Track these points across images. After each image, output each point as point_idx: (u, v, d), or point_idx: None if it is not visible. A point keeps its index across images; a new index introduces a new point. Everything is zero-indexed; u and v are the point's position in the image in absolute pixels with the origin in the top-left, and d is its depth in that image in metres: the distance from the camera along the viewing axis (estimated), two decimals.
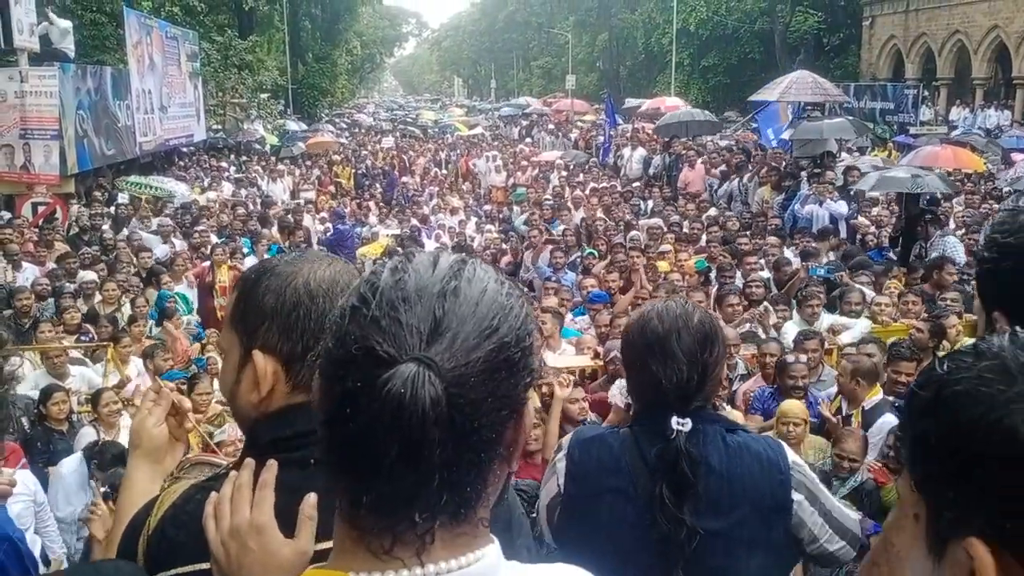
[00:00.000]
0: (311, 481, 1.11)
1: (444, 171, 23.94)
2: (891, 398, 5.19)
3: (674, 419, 1.83)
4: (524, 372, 0.88)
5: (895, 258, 10.01)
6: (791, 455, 1.94)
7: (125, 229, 12.40)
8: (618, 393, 5.05)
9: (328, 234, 13.52)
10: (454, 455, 0.82)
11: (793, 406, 4.99)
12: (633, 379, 2.02)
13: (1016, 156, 18.03)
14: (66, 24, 15.44)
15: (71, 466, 5.15)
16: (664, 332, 1.89)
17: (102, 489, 3.99)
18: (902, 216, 10.55)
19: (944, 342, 6.16)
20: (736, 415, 5.10)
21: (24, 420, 5.90)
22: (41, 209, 13.34)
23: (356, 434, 0.82)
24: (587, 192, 15.67)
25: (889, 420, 4.93)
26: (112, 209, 13.85)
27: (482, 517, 0.89)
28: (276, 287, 1.30)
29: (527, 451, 4.41)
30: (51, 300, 8.66)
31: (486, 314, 0.85)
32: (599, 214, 13.33)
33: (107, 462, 4.82)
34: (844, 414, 5.19)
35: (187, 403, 1.63)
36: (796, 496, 1.88)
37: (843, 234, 10.94)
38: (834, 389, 5.70)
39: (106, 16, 19.92)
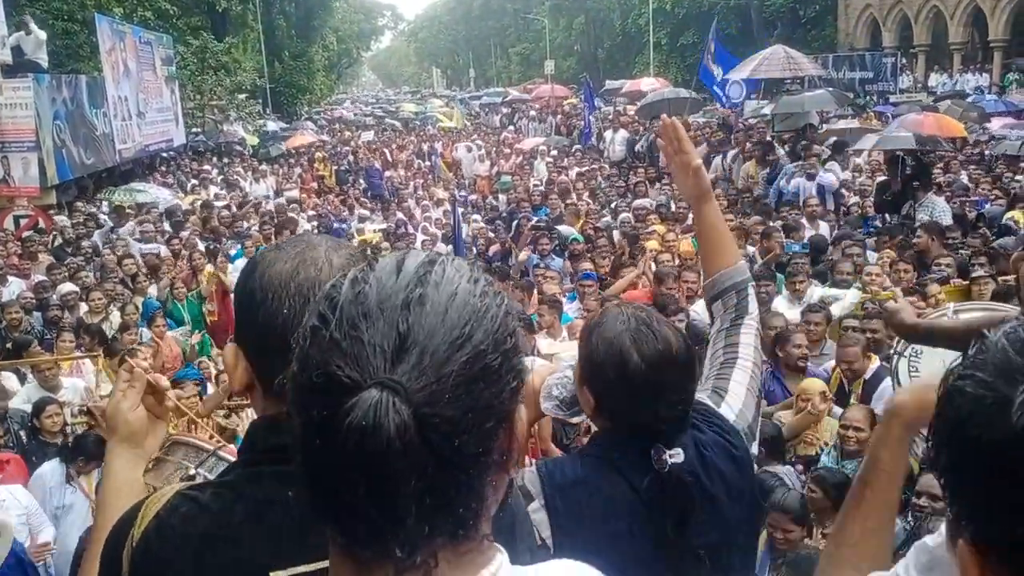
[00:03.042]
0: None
1: (427, 163, 23.86)
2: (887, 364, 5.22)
3: (667, 454, 1.68)
4: (508, 377, 0.81)
5: (881, 226, 10.03)
6: (728, 415, 1.85)
7: (107, 235, 12.30)
8: (554, 399, 4.98)
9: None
10: (436, 479, 0.75)
11: (813, 383, 4.98)
12: (609, 411, 1.77)
13: (995, 120, 18.10)
14: (42, 35, 15.27)
15: (50, 469, 5.21)
16: (650, 371, 1.69)
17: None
18: (898, 178, 10.59)
19: (927, 309, 6.21)
20: None
21: (23, 434, 5.89)
22: (24, 222, 13.22)
23: (322, 468, 0.76)
24: (572, 176, 15.64)
25: (888, 385, 4.95)
26: (100, 218, 13.72)
27: (485, 533, 0.83)
28: (244, 275, 1.25)
29: None
30: (38, 313, 8.59)
31: (457, 321, 0.78)
32: (585, 198, 13.31)
33: (92, 453, 4.84)
34: (847, 389, 5.19)
35: (164, 380, 1.54)
36: (753, 448, 1.88)
37: (831, 205, 10.97)
38: (832, 363, 5.73)
39: (78, 24, 19.70)
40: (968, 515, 0.72)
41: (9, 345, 7.39)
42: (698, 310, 7.01)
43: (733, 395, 1.89)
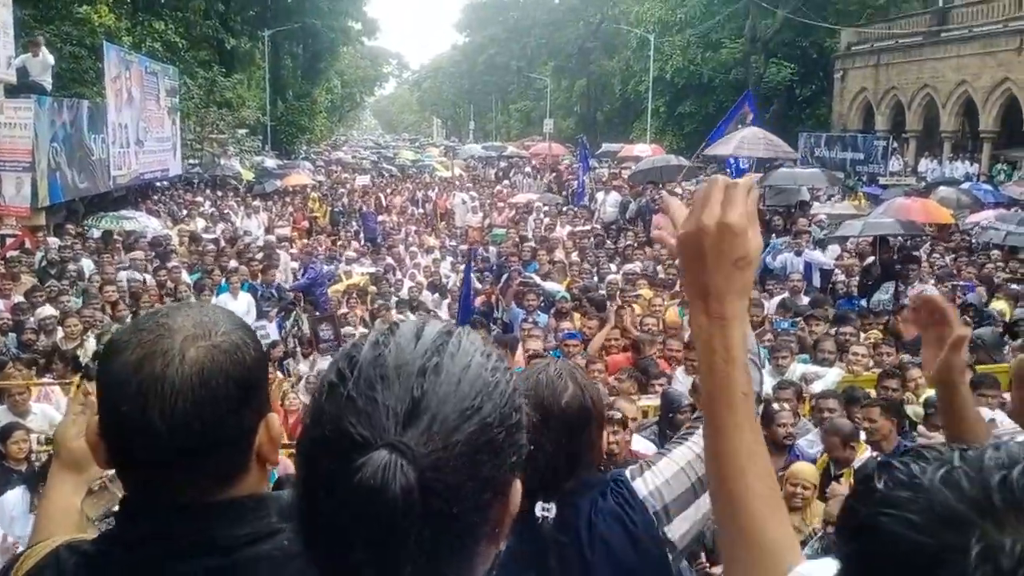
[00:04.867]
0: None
1: (421, 210, 23.99)
2: (876, 453, 5.20)
3: (539, 505, 1.66)
4: (509, 451, 0.83)
5: (866, 306, 10.11)
6: (640, 488, 1.76)
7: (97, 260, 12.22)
8: None
9: (302, 274, 13.39)
10: (432, 543, 0.77)
11: (804, 468, 4.90)
12: None
13: (988, 211, 18.38)
14: (50, 59, 15.39)
15: (13, 498, 5.10)
16: (530, 418, 1.69)
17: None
18: (876, 263, 10.72)
19: (908, 394, 6.23)
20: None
21: None
22: (9, 241, 13.14)
23: (327, 520, 0.79)
24: (563, 234, 15.73)
25: None
26: (88, 243, 13.65)
27: None
28: (100, 358, 1.18)
29: (610, 452, 4.04)
30: (13, 335, 8.48)
31: (468, 393, 0.81)
32: (574, 257, 13.37)
33: None
34: (833, 475, 5.14)
35: None
36: (669, 533, 1.73)
37: (816, 282, 11.05)
38: (812, 436, 5.70)
39: (86, 49, 19.89)
40: None
41: None
42: (679, 376, 7.02)
43: (658, 471, 1.78)
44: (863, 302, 10.33)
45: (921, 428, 4.32)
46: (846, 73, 35.30)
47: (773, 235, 12.61)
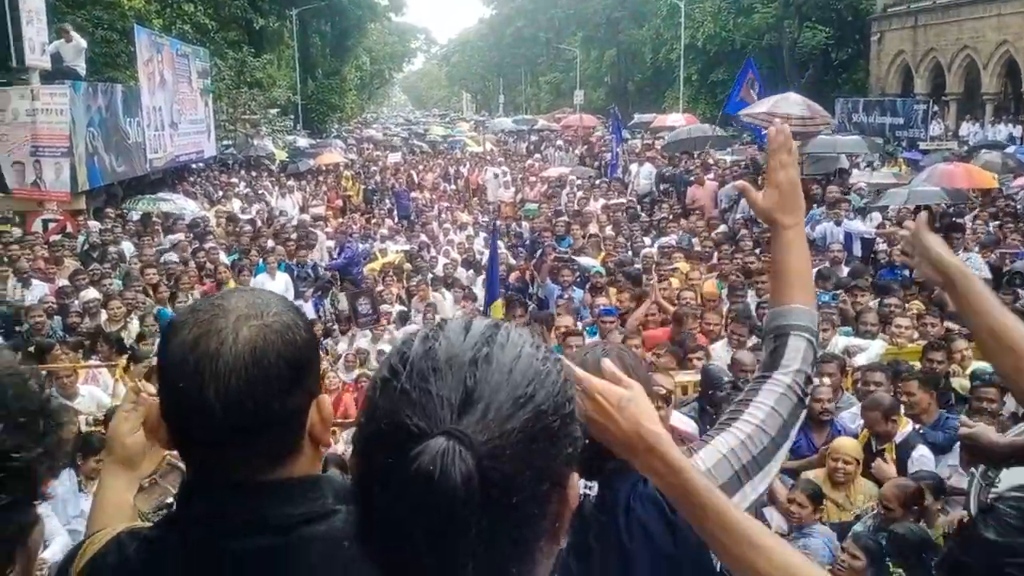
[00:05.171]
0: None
1: (453, 186, 23.96)
2: (918, 426, 5.11)
3: (580, 482, 1.65)
4: (565, 441, 0.83)
5: (909, 276, 9.91)
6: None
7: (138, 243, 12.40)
8: None
9: (338, 253, 13.47)
10: (491, 535, 0.77)
11: (846, 443, 4.84)
12: None
13: None
14: (83, 43, 15.54)
15: (62, 479, 5.14)
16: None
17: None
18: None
19: (954, 366, 6.10)
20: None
21: None
22: (52, 226, 13.37)
23: (384, 514, 0.79)
24: (597, 208, 15.62)
25: (923, 453, 4.84)
26: (128, 226, 13.86)
27: None
28: (161, 336, 1.23)
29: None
30: (58, 318, 8.65)
31: (520, 381, 0.81)
32: (608, 231, 13.27)
33: (98, 451, 4.73)
34: (875, 449, 5.06)
35: None
36: None
37: (858, 252, 10.85)
38: (855, 410, 5.61)
39: (117, 33, 20.04)
40: None
41: (32, 348, 7.42)
42: (718, 350, 6.95)
43: (699, 459, 1.70)
44: (905, 272, 10.13)
45: (963, 417, 4.21)
46: (883, 35, 34.42)
47: (814, 205, 12.40)
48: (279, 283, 11.11)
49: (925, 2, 31.93)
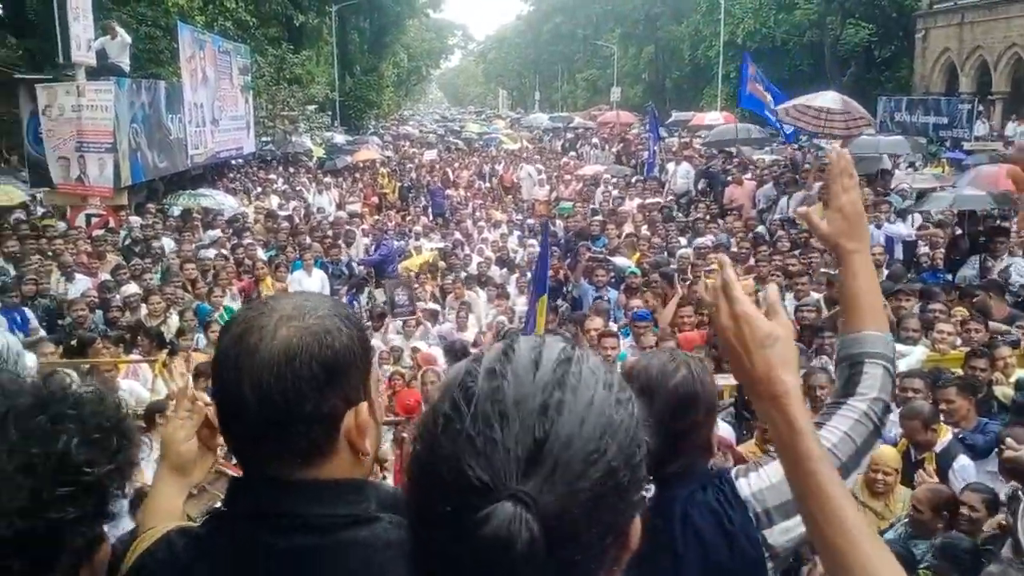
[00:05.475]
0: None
1: (488, 184, 23.98)
2: (957, 432, 5.01)
3: None
4: (633, 491, 0.81)
5: (951, 281, 9.71)
6: (743, 488, 1.72)
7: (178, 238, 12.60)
8: None
9: (375, 250, 13.56)
10: None
11: (886, 452, 4.75)
12: None
13: None
14: (127, 39, 15.78)
15: None
16: (636, 393, 1.73)
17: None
18: (964, 235, 10.27)
19: (997, 374, 5.96)
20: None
21: None
22: (95, 220, 13.62)
23: (442, 561, 0.78)
24: (633, 207, 15.52)
25: (964, 463, 4.75)
26: (169, 221, 14.08)
27: None
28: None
29: None
30: (100, 312, 8.81)
31: (592, 434, 0.77)
32: (644, 231, 13.17)
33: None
34: (914, 459, 4.97)
35: None
36: (770, 538, 1.68)
37: (899, 255, 10.65)
38: (892, 418, 5.51)
39: (161, 30, 20.35)
40: None
41: (74, 342, 7.57)
42: None
43: (764, 474, 1.73)
44: (948, 276, 9.92)
45: (1009, 440, 4.10)
46: (928, 32, 33.70)
47: None
48: (315, 280, 11.22)
49: None
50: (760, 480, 1.72)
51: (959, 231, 10.73)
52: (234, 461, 1.26)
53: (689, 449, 1.77)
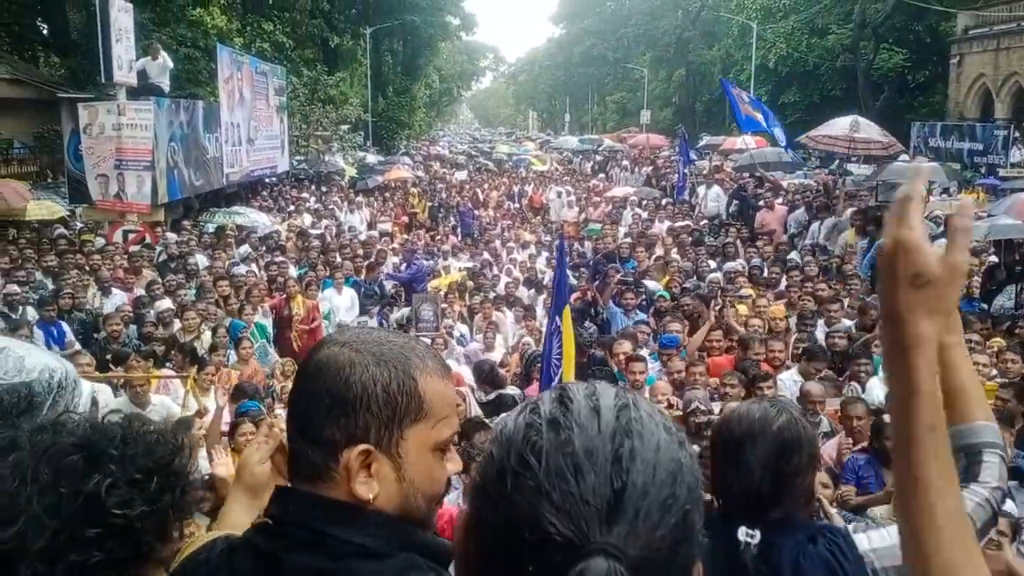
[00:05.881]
0: None
1: (517, 205, 24.06)
2: None
3: (742, 530, 1.69)
4: (700, 527, 0.81)
5: (987, 310, 9.57)
6: (862, 544, 1.76)
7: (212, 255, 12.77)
8: None
9: (404, 268, 13.65)
10: None
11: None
12: (714, 481, 1.89)
13: None
14: (170, 63, 16.13)
15: None
16: (739, 437, 1.78)
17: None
18: (1000, 264, 10.13)
19: None
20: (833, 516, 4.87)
21: None
22: (132, 236, 13.88)
23: None
24: (663, 230, 15.49)
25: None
26: (204, 238, 14.29)
27: None
28: None
29: None
30: (134, 327, 8.95)
31: (664, 479, 0.78)
32: (673, 254, 13.14)
33: None
34: None
35: None
36: None
37: None
38: None
39: (200, 51, 20.79)
40: None
41: (108, 357, 7.69)
42: (786, 380, 6.79)
43: (886, 534, 1.77)
44: (984, 305, 9.78)
45: None
46: (963, 58, 33.40)
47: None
48: (345, 298, 11.30)
49: (1008, 24, 30.91)
50: (882, 539, 1.76)
51: (995, 260, 10.58)
52: None
53: (792, 495, 1.78)
